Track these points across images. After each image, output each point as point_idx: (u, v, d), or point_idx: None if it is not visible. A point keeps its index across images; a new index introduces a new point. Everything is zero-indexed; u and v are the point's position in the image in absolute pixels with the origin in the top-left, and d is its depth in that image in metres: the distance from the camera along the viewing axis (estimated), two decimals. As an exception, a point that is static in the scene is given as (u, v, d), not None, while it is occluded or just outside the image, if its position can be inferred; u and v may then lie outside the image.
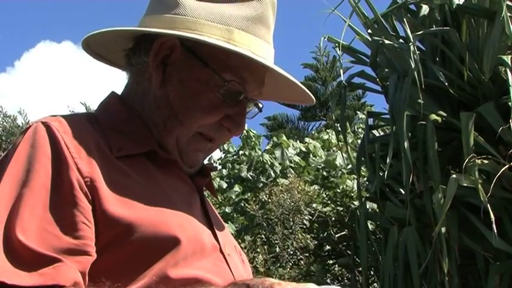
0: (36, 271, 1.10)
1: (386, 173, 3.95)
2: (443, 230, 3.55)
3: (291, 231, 5.93)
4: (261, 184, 6.80)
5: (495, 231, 3.30)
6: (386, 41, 4.22)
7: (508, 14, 3.65)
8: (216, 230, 1.40)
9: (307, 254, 6.03)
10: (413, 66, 3.72)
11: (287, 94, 1.58)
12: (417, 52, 3.86)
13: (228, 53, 1.36)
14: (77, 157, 1.22)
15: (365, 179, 5.65)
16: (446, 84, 3.89)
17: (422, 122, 3.87)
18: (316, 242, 6.17)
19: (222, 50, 1.35)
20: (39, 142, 1.23)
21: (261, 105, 1.50)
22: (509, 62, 3.63)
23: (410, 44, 3.82)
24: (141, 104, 1.42)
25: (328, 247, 6.40)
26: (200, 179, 1.47)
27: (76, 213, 1.18)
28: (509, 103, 3.49)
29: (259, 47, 1.40)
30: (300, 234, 5.98)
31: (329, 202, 6.47)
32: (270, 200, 6.13)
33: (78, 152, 1.23)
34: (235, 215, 6.63)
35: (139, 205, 1.24)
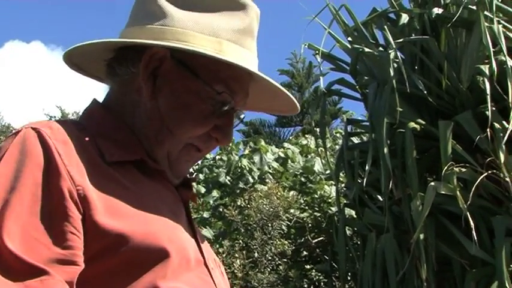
0: (23, 282, 1.09)
1: (365, 180, 3.98)
2: (421, 237, 3.59)
3: (269, 236, 5.94)
4: (239, 190, 6.81)
5: (475, 238, 3.34)
6: (366, 49, 4.26)
7: (486, 24, 3.70)
8: (200, 243, 1.40)
9: (285, 260, 6.03)
10: (392, 74, 3.76)
11: (271, 104, 1.58)
12: (396, 60, 3.91)
13: (218, 64, 1.36)
14: (69, 164, 1.21)
15: (343, 185, 5.68)
16: (425, 92, 3.93)
17: (401, 130, 3.91)
18: (293, 248, 6.18)
19: (212, 61, 1.35)
20: (30, 149, 1.21)
21: (242, 116, 1.52)
22: (487, 72, 3.68)
23: (391, 51, 3.86)
24: (132, 115, 1.41)
25: (305, 253, 6.41)
26: (184, 191, 1.47)
27: (65, 223, 1.16)
28: (487, 112, 3.54)
29: (247, 58, 1.40)
30: (278, 240, 5.99)
31: (306, 208, 6.49)
32: (248, 206, 6.14)
33: (70, 159, 1.22)
34: (213, 220, 6.63)
35: (129, 216, 1.23)
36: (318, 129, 5.05)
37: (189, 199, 1.49)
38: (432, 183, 3.62)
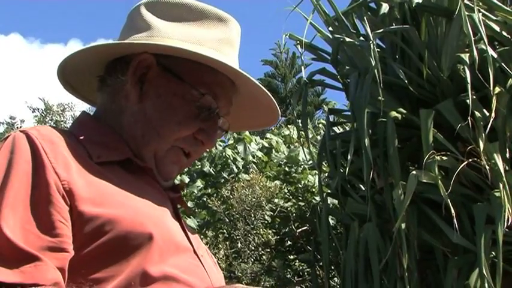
0: (18, 268, 1.14)
1: (347, 169, 3.99)
2: (403, 225, 3.60)
3: (252, 226, 5.95)
4: (223, 180, 6.81)
5: (456, 226, 3.36)
6: (347, 39, 4.26)
7: (466, 13, 3.71)
8: (189, 234, 1.45)
9: (268, 250, 6.05)
10: (373, 64, 3.76)
11: (254, 117, 1.68)
12: (377, 50, 3.91)
13: (202, 70, 1.46)
14: (55, 162, 1.27)
15: (326, 174, 5.69)
16: (406, 81, 3.94)
17: (383, 119, 3.91)
18: (277, 237, 6.20)
19: (196, 67, 1.45)
20: (18, 148, 1.29)
21: (226, 128, 1.59)
22: (467, 60, 3.69)
23: (371, 42, 3.86)
24: (117, 120, 1.49)
25: (289, 242, 6.44)
26: (172, 193, 1.53)
27: (53, 213, 1.22)
28: (467, 100, 3.55)
29: (227, 61, 1.47)
30: (261, 230, 6.00)
31: (290, 197, 6.51)
32: (231, 196, 6.15)
33: (56, 157, 1.28)
34: (197, 210, 6.63)
35: (114, 204, 1.29)
36: (300, 120, 5.05)
37: (175, 199, 1.54)
38: (414, 172, 3.64)
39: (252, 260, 5.87)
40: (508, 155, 3.71)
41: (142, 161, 1.45)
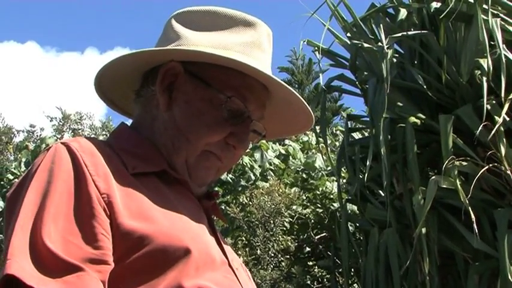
0: (61, 278, 1.15)
1: (366, 175, 3.99)
2: (423, 231, 3.59)
3: (271, 233, 5.95)
4: (241, 187, 6.81)
5: (476, 232, 3.35)
6: (365, 45, 4.26)
7: (484, 18, 3.70)
8: (224, 247, 1.46)
9: (288, 256, 6.04)
10: (385, 71, 3.75)
11: (289, 124, 1.68)
12: (395, 55, 3.90)
13: (228, 74, 1.46)
14: (95, 175, 1.29)
15: (344, 180, 5.69)
16: (425, 87, 3.93)
17: (402, 125, 3.91)
18: (296, 244, 6.19)
19: (223, 71, 1.46)
20: (60, 160, 1.30)
21: (263, 134, 1.59)
22: (486, 66, 3.67)
23: (385, 46, 3.85)
24: (150, 129, 1.51)
25: (308, 249, 6.42)
26: (206, 202, 1.54)
27: (95, 225, 1.24)
28: (487, 105, 3.54)
29: (255, 65, 1.46)
30: (280, 237, 5.99)
31: (309, 204, 6.49)
32: (250, 203, 6.15)
33: (96, 170, 1.30)
34: (215, 218, 6.62)
35: (153, 219, 1.30)
36: (318, 126, 5.05)
37: (209, 208, 1.55)
38: (433, 177, 3.62)
39: (272, 266, 5.87)
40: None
41: (177, 172, 1.46)
